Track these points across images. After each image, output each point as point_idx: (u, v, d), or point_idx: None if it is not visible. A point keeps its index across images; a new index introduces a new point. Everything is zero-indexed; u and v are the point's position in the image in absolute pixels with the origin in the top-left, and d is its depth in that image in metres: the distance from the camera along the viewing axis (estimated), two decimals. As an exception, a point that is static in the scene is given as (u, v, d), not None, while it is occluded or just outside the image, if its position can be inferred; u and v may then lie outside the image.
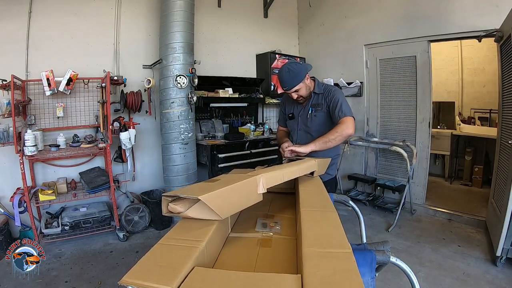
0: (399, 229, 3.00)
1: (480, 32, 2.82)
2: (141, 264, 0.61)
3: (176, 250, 0.67)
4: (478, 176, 4.04)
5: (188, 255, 0.64)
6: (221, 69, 3.86)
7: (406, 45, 3.41)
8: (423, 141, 3.41)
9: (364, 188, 3.97)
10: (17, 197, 2.46)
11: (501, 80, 2.66)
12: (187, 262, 0.61)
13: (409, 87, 3.45)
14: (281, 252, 0.82)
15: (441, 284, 2.09)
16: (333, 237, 0.68)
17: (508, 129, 2.46)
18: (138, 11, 3.26)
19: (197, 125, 3.49)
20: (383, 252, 0.84)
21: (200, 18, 3.51)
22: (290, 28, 4.64)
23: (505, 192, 2.26)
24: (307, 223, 0.76)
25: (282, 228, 0.97)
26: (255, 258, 0.79)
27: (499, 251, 2.22)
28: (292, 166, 1.13)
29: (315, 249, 0.62)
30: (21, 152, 2.42)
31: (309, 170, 1.24)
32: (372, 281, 0.80)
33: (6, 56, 2.62)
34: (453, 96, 4.74)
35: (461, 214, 3.16)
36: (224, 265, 0.76)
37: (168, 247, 0.69)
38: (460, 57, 4.63)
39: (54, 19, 2.81)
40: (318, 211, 0.86)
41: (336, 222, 0.77)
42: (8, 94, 2.44)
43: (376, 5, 3.65)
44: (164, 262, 0.61)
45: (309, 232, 0.71)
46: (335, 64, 4.17)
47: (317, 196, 1.02)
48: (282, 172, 1.01)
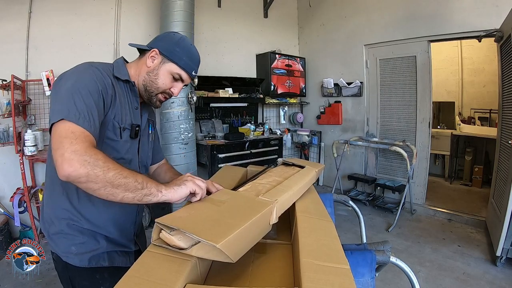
0: (399, 229, 3.00)
1: (480, 32, 2.82)
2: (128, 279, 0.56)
3: (165, 262, 0.61)
4: (478, 176, 4.04)
5: (179, 270, 0.59)
6: (221, 69, 3.85)
7: (406, 45, 3.41)
8: (423, 141, 3.41)
9: (364, 188, 3.97)
10: (17, 197, 2.46)
11: (501, 80, 2.66)
12: (178, 279, 0.57)
13: (409, 87, 3.45)
14: (276, 260, 0.79)
15: (441, 284, 2.09)
16: (331, 249, 0.66)
17: (508, 129, 2.46)
18: (138, 11, 3.26)
19: (197, 125, 3.49)
20: (383, 252, 0.84)
21: (200, 18, 3.50)
22: (290, 28, 4.64)
23: (505, 192, 2.26)
24: (304, 230, 0.74)
25: (277, 233, 0.94)
26: (250, 265, 0.76)
27: (499, 251, 2.21)
28: (297, 181, 0.96)
29: (313, 261, 0.61)
30: (21, 152, 2.43)
31: (311, 183, 1.09)
32: (372, 281, 0.80)
33: (6, 56, 2.62)
34: (453, 96, 4.74)
35: (461, 214, 3.15)
36: (219, 274, 0.73)
37: (157, 258, 0.63)
38: (460, 57, 4.63)
39: (54, 19, 2.81)
40: (314, 218, 0.82)
41: (333, 233, 0.74)
42: (8, 94, 2.44)
43: (376, 5, 3.65)
44: (153, 277, 0.56)
45: (306, 241, 0.69)
46: (335, 64, 4.17)
47: (312, 202, 0.96)
48: (290, 193, 0.87)
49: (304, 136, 4.37)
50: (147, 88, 0.92)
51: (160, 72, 0.90)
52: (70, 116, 0.69)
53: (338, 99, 4.17)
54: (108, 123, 0.84)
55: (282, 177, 1.01)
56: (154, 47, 0.90)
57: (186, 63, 0.91)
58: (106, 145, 0.86)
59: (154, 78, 0.91)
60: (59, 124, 0.69)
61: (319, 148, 4.48)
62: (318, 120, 4.40)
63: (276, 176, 1.02)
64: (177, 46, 0.90)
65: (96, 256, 0.88)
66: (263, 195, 0.81)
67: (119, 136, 0.88)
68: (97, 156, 0.66)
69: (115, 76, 0.88)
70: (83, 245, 0.87)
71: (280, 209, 0.80)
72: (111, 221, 0.90)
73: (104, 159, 0.67)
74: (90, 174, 0.63)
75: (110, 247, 0.91)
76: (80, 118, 0.70)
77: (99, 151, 0.68)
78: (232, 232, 0.60)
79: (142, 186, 0.69)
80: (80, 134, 0.68)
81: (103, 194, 0.67)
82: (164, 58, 0.90)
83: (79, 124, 0.69)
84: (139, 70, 0.93)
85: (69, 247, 0.86)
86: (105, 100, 0.80)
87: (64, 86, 0.75)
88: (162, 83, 0.91)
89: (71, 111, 0.70)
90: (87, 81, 0.77)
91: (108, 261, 0.90)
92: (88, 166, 0.63)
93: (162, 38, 0.94)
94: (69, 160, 0.63)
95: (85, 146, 0.66)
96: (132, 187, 0.68)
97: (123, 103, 0.89)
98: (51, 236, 0.88)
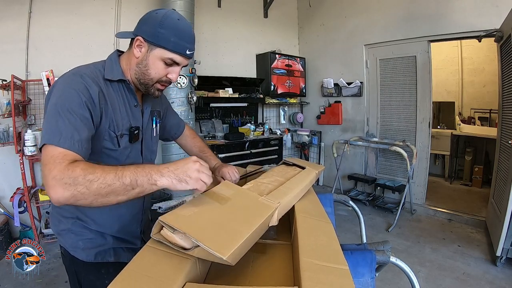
0: (399, 229, 3.00)
1: (480, 32, 2.82)
2: (127, 273, 0.55)
3: (165, 259, 0.61)
4: (478, 176, 4.04)
5: (179, 267, 0.59)
6: (221, 69, 3.85)
7: (406, 45, 3.41)
8: (423, 141, 3.41)
9: (364, 188, 3.97)
10: (17, 197, 2.46)
11: (501, 80, 2.66)
12: (178, 277, 0.56)
13: (409, 87, 3.45)
14: (276, 259, 0.79)
15: (441, 284, 2.09)
16: (330, 250, 0.66)
17: (508, 129, 2.46)
18: (138, 11, 3.25)
19: (197, 125, 3.49)
20: (383, 252, 0.84)
21: (200, 18, 3.50)
22: (290, 28, 4.64)
23: (505, 192, 2.26)
24: (303, 230, 0.74)
25: (277, 233, 0.94)
26: (249, 265, 0.76)
27: (499, 251, 2.21)
28: (298, 183, 0.97)
29: (313, 261, 0.61)
30: (21, 152, 2.43)
31: (311, 185, 1.08)
32: (372, 281, 0.79)
33: (6, 56, 2.62)
34: (453, 96, 4.74)
35: (461, 214, 3.15)
36: (219, 273, 0.73)
37: (157, 254, 0.63)
38: (460, 57, 4.63)
39: (54, 19, 2.81)
40: (313, 219, 0.82)
41: (332, 234, 0.75)
42: (8, 94, 2.44)
43: (376, 5, 3.65)
44: (152, 273, 0.56)
45: (306, 241, 0.69)
46: (335, 64, 4.17)
47: (311, 203, 0.97)
48: (291, 195, 0.87)
49: (304, 136, 4.37)
50: (141, 80, 0.85)
51: (150, 61, 0.81)
52: (52, 140, 0.68)
53: (338, 99, 4.17)
54: (104, 134, 0.81)
55: (284, 178, 1.01)
56: (138, 33, 0.80)
57: (176, 44, 0.79)
58: (105, 156, 0.83)
59: (145, 69, 0.82)
60: (43, 150, 0.68)
61: (319, 148, 4.48)
62: (318, 120, 4.40)
63: (277, 176, 1.03)
64: (161, 27, 0.77)
65: (103, 252, 0.89)
66: (266, 196, 0.81)
67: (117, 145, 0.84)
68: (74, 173, 0.62)
69: (106, 79, 0.82)
70: (90, 240, 0.88)
71: (281, 212, 0.80)
72: (117, 222, 0.91)
73: (83, 172, 0.63)
74: (76, 194, 0.62)
75: (116, 244, 0.92)
76: (61, 139, 0.67)
77: (77, 164, 0.65)
78: (238, 242, 0.59)
79: (132, 186, 0.65)
80: (58, 156, 0.65)
81: (98, 205, 0.65)
82: (150, 44, 0.79)
83: (60, 145, 0.67)
84: (129, 63, 0.85)
85: (77, 242, 0.88)
86: (93, 112, 0.76)
87: (50, 102, 0.73)
88: (154, 72, 0.82)
89: (52, 134, 0.68)
90: (70, 95, 0.73)
91: (114, 256, 0.91)
92: (71, 188, 0.61)
93: (144, 20, 0.81)
94: (52, 187, 0.62)
95: (61, 168, 0.63)
96: (121, 190, 0.65)
97: (118, 107, 0.84)
98: (59, 232, 0.90)
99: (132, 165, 0.68)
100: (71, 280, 0.94)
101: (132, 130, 0.87)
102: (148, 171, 0.67)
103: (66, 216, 0.88)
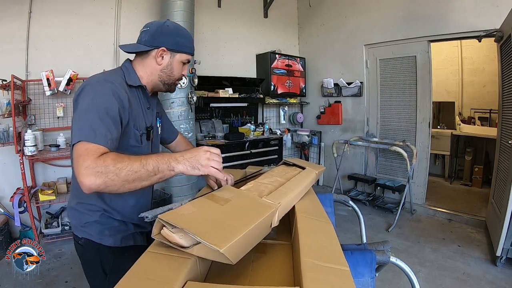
0: (399, 229, 3.00)
1: (480, 32, 2.82)
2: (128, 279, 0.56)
3: (165, 261, 0.62)
4: (478, 176, 4.04)
5: (179, 268, 0.59)
6: (221, 69, 3.85)
7: (406, 45, 3.41)
8: (423, 141, 3.41)
9: (364, 188, 3.97)
10: (17, 197, 2.46)
11: (501, 80, 2.66)
12: (178, 277, 0.57)
13: (409, 87, 3.45)
14: (276, 259, 0.79)
15: (441, 284, 2.09)
16: (331, 251, 0.66)
17: (508, 129, 2.46)
18: (138, 11, 3.26)
19: (197, 125, 3.49)
20: (383, 252, 0.84)
21: (200, 18, 3.50)
22: (290, 28, 4.64)
23: (505, 192, 2.26)
24: (303, 230, 0.74)
25: (277, 233, 0.93)
26: (250, 265, 0.76)
27: (499, 251, 2.22)
28: (298, 184, 0.96)
29: (314, 261, 0.60)
30: (21, 152, 2.42)
31: (311, 185, 1.08)
32: (372, 281, 0.80)
33: (6, 56, 2.62)
34: (453, 96, 4.74)
35: (461, 214, 3.15)
36: (219, 273, 0.73)
37: (157, 258, 0.63)
38: (460, 57, 4.63)
39: (54, 19, 2.81)
40: (313, 219, 0.82)
41: (332, 234, 0.74)
42: (8, 94, 2.44)
43: (376, 5, 3.65)
44: (153, 275, 0.57)
45: (307, 241, 0.68)
46: (335, 64, 4.17)
47: (311, 203, 0.96)
48: (292, 195, 0.87)
49: (304, 136, 4.37)
50: (165, 82, 1.02)
51: (174, 65, 0.99)
52: (87, 137, 0.75)
53: (338, 99, 4.17)
54: (130, 133, 0.93)
55: (284, 178, 1.01)
56: (159, 45, 0.95)
57: (189, 47, 1.01)
58: (128, 152, 0.89)
59: (170, 72, 1.00)
60: (77, 145, 0.75)
61: (319, 148, 4.48)
62: (318, 120, 4.40)
63: (278, 176, 1.02)
64: (178, 36, 0.97)
65: (125, 237, 1.01)
66: (266, 196, 0.81)
67: (140, 142, 0.98)
68: (106, 162, 0.71)
69: (128, 85, 0.94)
70: (116, 228, 0.99)
71: (282, 212, 0.80)
72: (135, 207, 1.01)
73: (113, 162, 0.72)
74: (107, 181, 0.71)
75: (134, 229, 1.04)
76: (97, 137, 0.76)
77: (107, 155, 0.74)
78: (235, 237, 0.59)
79: (154, 172, 0.76)
80: (92, 149, 0.74)
81: (124, 190, 0.75)
82: (172, 52, 0.97)
83: (95, 142, 0.75)
84: (149, 70, 0.99)
85: (103, 231, 0.97)
86: (122, 114, 0.86)
87: (82, 103, 0.82)
88: (177, 73, 1.02)
89: (88, 132, 0.76)
90: (103, 99, 0.82)
91: (133, 240, 1.03)
92: (102, 176, 0.70)
93: (160, 32, 0.96)
94: (85, 176, 0.69)
95: (94, 158, 0.71)
96: (145, 176, 0.76)
97: (137, 109, 0.97)
98: (84, 224, 0.97)
99: (153, 154, 0.80)
100: (92, 270, 1.00)
101: (148, 130, 1.02)
102: (167, 159, 0.79)
103: (93, 210, 0.97)
